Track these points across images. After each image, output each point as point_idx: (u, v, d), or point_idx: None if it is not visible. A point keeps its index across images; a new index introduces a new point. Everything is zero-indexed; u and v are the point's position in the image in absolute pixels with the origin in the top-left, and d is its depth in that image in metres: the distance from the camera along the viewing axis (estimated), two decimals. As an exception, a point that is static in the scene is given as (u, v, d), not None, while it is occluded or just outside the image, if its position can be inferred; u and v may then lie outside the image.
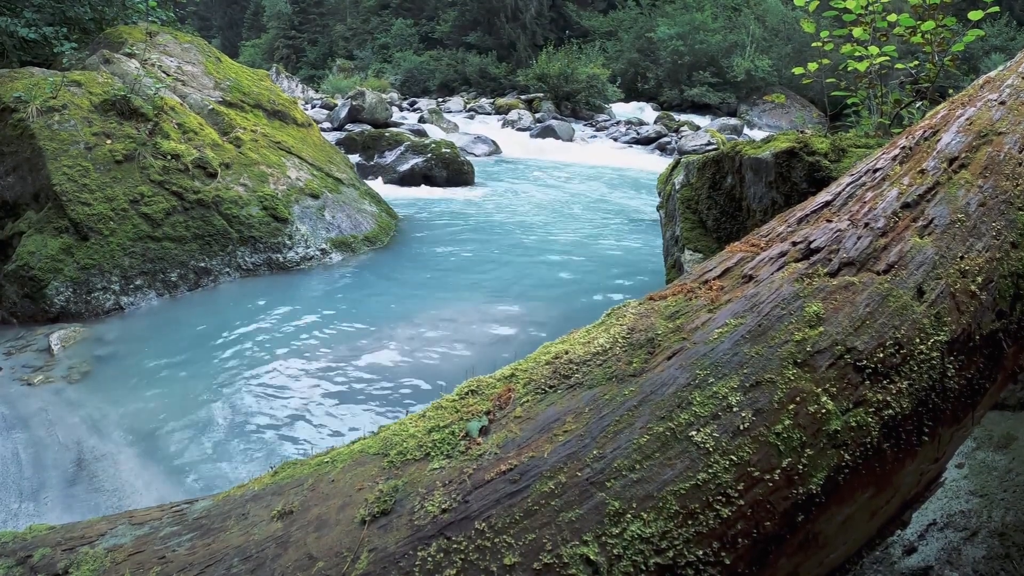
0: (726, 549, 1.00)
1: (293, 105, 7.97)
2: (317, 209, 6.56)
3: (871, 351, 1.13)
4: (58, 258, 4.81)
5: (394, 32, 36.92)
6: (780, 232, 1.38)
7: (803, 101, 22.34)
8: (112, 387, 3.85)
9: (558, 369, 1.19)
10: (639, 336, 1.20)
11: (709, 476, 1.01)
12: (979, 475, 2.00)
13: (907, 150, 1.51)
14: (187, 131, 5.95)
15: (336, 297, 5.45)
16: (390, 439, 1.18)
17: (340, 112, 15.68)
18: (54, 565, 1.13)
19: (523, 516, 1.00)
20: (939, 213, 1.33)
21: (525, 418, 1.12)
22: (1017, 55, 1.88)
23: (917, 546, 1.89)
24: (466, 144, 14.44)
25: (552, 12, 34.47)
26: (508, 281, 5.85)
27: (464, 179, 10.58)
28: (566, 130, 17.94)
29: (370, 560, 0.99)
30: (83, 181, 5.08)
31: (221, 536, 1.11)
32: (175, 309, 5.08)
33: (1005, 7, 22.44)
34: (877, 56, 3.76)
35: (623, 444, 1.05)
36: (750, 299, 1.20)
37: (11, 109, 5.17)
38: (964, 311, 1.23)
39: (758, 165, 3.58)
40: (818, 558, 1.11)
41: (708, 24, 26.94)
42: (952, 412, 1.20)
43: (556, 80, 22.94)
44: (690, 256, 4.05)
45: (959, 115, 1.58)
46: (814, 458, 1.05)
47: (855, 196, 1.41)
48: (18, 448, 3.24)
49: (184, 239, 5.41)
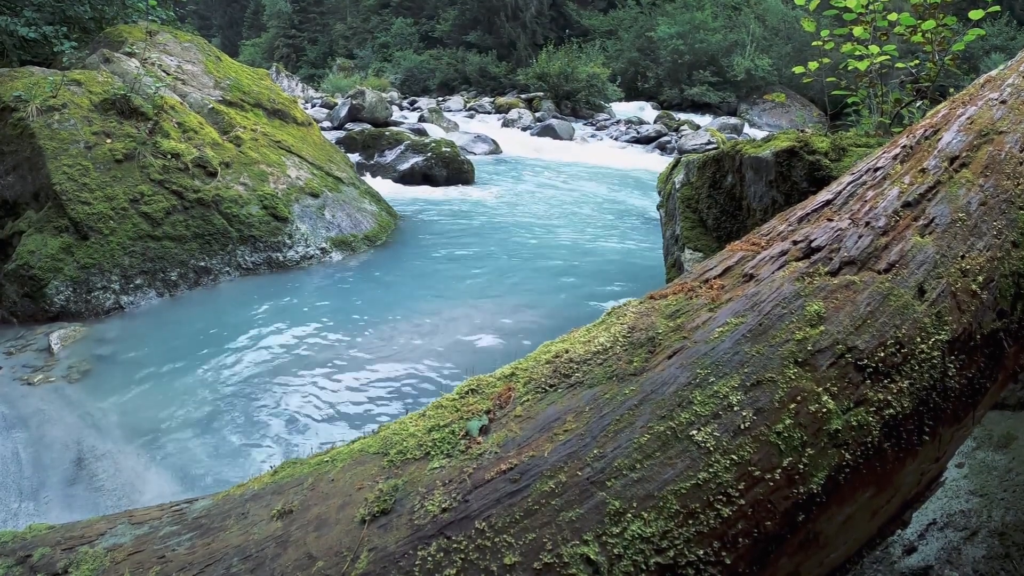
0: (727, 549, 0.99)
1: (293, 104, 7.96)
2: (317, 208, 6.56)
3: (872, 350, 1.13)
4: (58, 257, 4.81)
5: (394, 31, 36.92)
6: (781, 231, 1.37)
7: (803, 100, 22.33)
8: (112, 386, 3.85)
9: (558, 368, 1.19)
10: (640, 335, 1.20)
11: (710, 475, 1.01)
12: (979, 475, 2.00)
13: (908, 149, 1.50)
14: (187, 130, 5.95)
15: (336, 296, 5.45)
16: (390, 438, 1.18)
17: (340, 111, 15.67)
18: (53, 564, 1.13)
19: (523, 515, 0.99)
20: (940, 212, 1.33)
21: (525, 417, 1.12)
22: (1018, 54, 1.88)
23: (917, 545, 1.89)
24: (466, 143, 14.42)
25: (552, 11, 34.45)
26: (508, 280, 5.85)
27: (464, 178, 10.57)
28: (566, 129, 17.93)
29: (370, 560, 0.99)
30: (83, 180, 5.07)
31: (221, 535, 1.11)
32: (175, 308, 5.08)
33: (1005, 7, 22.41)
34: (877, 55, 3.75)
35: (624, 443, 1.04)
36: (751, 298, 1.20)
37: (11, 108, 5.17)
38: (965, 310, 1.22)
39: (758, 164, 3.57)
40: (819, 558, 1.11)
41: (708, 23, 26.91)
42: (953, 411, 1.20)
43: (556, 79, 22.93)
44: (690, 255, 4.05)
45: (960, 114, 1.58)
46: (815, 457, 1.05)
47: (856, 195, 1.40)
48: (18, 447, 3.24)
49: (184, 238, 5.40)
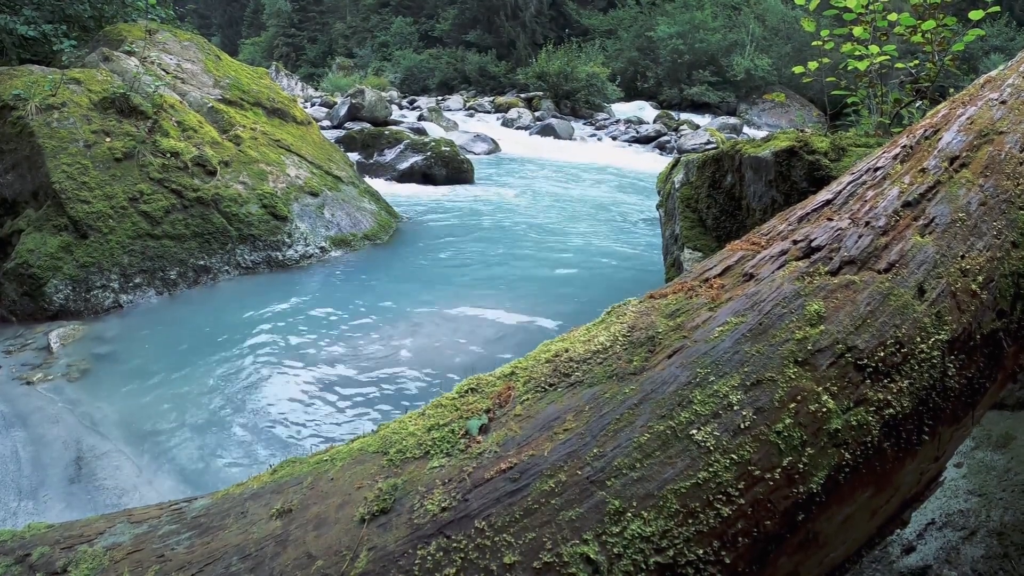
0: (726, 548, 0.99)
1: (292, 103, 7.96)
2: (316, 207, 6.55)
3: (872, 350, 1.13)
4: (57, 256, 4.81)
5: (394, 30, 36.91)
6: (781, 230, 1.37)
7: (803, 100, 22.35)
8: (111, 385, 3.85)
9: (558, 367, 1.19)
10: (640, 334, 1.20)
11: (710, 475, 1.01)
12: (978, 474, 2.00)
13: (908, 149, 1.50)
14: (186, 129, 5.94)
15: (335, 295, 5.44)
16: (389, 437, 1.18)
17: (340, 110, 15.67)
18: (53, 563, 1.13)
19: (523, 515, 0.99)
20: (940, 212, 1.33)
21: (525, 416, 1.12)
22: (1018, 54, 1.88)
23: (916, 545, 1.89)
24: (466, 142, 14.42)
25: (552, 10, 34.45)
26: (507, 279, 5.85)
27: (464, 177, 10.56)
28: (566, 129, 17.94)
29: (369, 559, 0.99)
30: (82, 179, 5.07)
31: (220, 535, 1.11)
32: (174, 307, 5.07)
33: (1005, 7, 22.45)
34: (877, 55, 3.75)
35: (623, 442, 1.04)
36: (751, 297, 1.20)
37: (10, 107, 5.16)
38: (965, 310, 1.22)
39: (758, 164, 3.57)
40: (818, 557, 1.11)
41: (708, 23, 26.93)
42: (952, 411, 1.20)
43: (556, 79, 22.95)
44: (690, 254, 4.05)
45: (960, 114, 1.58)
46: (815, 457, 1.05)
47: (856, 195, 1.40)
48: (17, 446, 3.23)
49: (183, 237, 5.40)
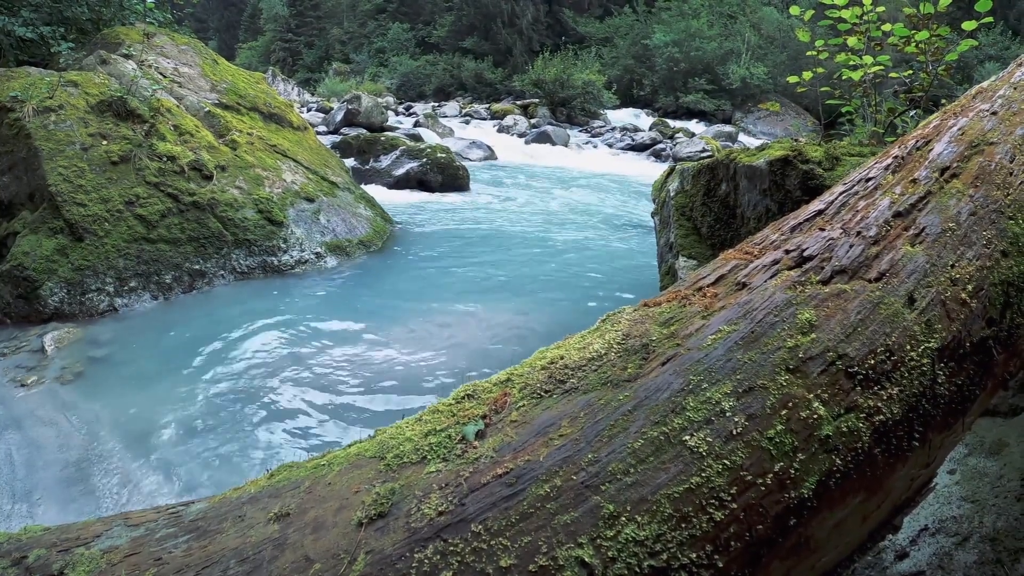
0: (719, 552, 1.00)
1: (289, 108, 7.97)
2: (312, 212, 6.56)
3: (862, 357, 1.15)
4: (53, 259, 4.80)
5: (391, 36, 37.01)
6: (774, 240, 1.39)
7: (798, 109, 22.49)
8: (106, 388, 3.84)
9: (554, 374, 1.20)
10: (634, 342, 1.21)
11: (702, 480, 1.02)
12: (971, 481, 2.01)
13: (899, 160, 1.52)
14: (183, 133, 5.95)
15: (330, 301, 5.44)
16: (386, 442, 1.18)
17: (336, 116, 15.70)
18: (49, 566, 1.13)
19: (519, 519, 1.00)
20: (931, 222, 1.35)
21: (521, 422, 1.13)
22: (1010, 65, 1.91)
23: (909, 551, 1.91)
24: (461, 149, 14.45)
25: (548, 18, 34.59)
26: (503, 286, 5.85)
27: (459, 184, 10.58)
28: (561, 136, 17.98)
29: (367, 562, 1.00)
30: (79, 182, 5.07)
31: (217, 538, 1.11)
32: (169, 311, 5.07)
33: (999, 17, 22.62)
34: (871, 65, 3.79)
35: (618, 448, 1.05)
36: (743, 306, 1.22)
37: (7, 108, 5.16)
38: (954, 318, 1.24)
39: (752, 173, 3.60)
40: (810, 562, 1.12)
41: (704, 31, 27.08)
42: (943, 418, 1.21)
43: (552, 86, 23.03)
44: (684, 263, 4.07)
45: (951, 125, 1.60)
46: (806, 463, 1.06)
47: (848, 205, 1.42)
48: (11, 449, 3.22)
49: (179, 241, 5.40)
